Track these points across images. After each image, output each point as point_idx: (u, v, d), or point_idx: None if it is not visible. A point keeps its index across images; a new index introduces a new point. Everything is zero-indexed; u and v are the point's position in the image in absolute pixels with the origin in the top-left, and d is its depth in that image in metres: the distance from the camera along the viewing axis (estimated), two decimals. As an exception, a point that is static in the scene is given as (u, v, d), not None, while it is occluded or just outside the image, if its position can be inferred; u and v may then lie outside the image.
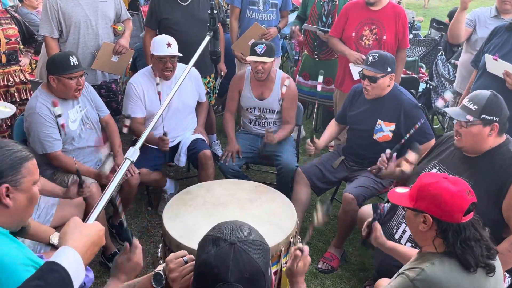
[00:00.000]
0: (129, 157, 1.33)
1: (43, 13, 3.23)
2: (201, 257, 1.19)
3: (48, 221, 2.43)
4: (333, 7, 3.93)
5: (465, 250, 1.48)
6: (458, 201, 1.49)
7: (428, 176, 1.61)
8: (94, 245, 1.12)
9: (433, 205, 1.52)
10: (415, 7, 12.37)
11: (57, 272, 1.00)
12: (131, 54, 3.60)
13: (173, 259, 1.41)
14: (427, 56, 5.97)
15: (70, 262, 1.02)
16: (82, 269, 1.05)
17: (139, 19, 5.39)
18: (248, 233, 1.22)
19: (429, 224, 1.54)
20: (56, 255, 1.03)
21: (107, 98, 3.45)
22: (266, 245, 1.23)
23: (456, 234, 1.49)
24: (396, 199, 1.67)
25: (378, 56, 2.77)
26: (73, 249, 1.05)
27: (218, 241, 1.18)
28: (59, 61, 2.67)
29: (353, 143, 3.09)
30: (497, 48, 2.95)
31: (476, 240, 1.49)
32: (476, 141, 2.13)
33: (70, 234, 1.09)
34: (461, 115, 2.13)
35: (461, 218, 1.49)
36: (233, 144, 3.28)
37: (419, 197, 1.56)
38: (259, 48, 3.11)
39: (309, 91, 4.25)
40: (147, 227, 3.30)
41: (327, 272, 2.91)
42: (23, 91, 3.44)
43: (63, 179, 2.74)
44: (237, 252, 1.15)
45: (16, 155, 1.36)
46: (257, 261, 1.16)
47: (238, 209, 2.45)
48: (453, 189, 1.50)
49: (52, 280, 0.98)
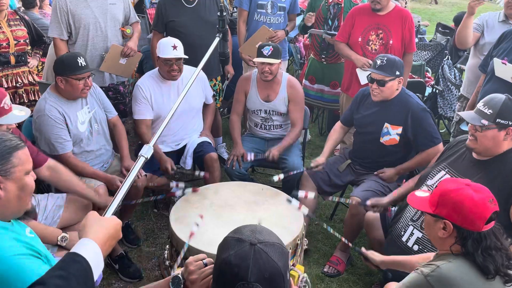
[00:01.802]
0: (143, 154, 1.34)
1: (53, 15, 3.25)
2: (221, 257, 1.19)
3: (55, 222, 2.44)
4: (338, 10, 3.93)
5: (486, 259, 1.46)
6: (480, 209, 1.47)
7: (450, 182, 1.59)
8: (112, 238, 1.14)
9: (454, 212, 1.50)
10: (420, 12, 12.37)
11: (79, 263, 1.02)
12: (139, 57, 3.62)
13: (192, 261, 1.41)
14: (433, 61, 5.96)
15: (91, 253, 1.04)
16: (101, 261, 1.07)
17: (145, 21, 5.42)
18: (268, 235, 1.22)
19: (449, 231, 1.52)
20: (77, 247, 1.05)
21: (115, 100, 3.46)
22: (285, 249, 1.23)
23: (476, 243, 1.48)
24: (416, 204, 1.65)
25: (387, 60, 2.77)
26: (93, 241, 1.07)
27: (238, 241, 1.19)
28: (67, 62, 2.69)
29: (360, 147, 3.09)
30: (506, 52, 2.94)
31: (497, 249, 1.48)
32: (490, 145, 2.11)
33: (89, 227, 1.11)
34: (476, 119, 2.11)
35: (482, 226, 1.48)
36: (238, 148, 3.28)
37: (441, 203, 1.54)
38: (266, 49, 3.12)
39: (315, 95, 4.26)
40: (153, 229, 3.30)
41: (333, 276, 2.90)
42: (31, 92, 3.46)
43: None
44: (257, 252, 1.15)
45: (5, 144, 1.34)
46: (276, 262, 1.16)
47: (245, 211, 2.45)
48: (476, 197, 1.49)
49: (74, 271, 1.00)
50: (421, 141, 2.83)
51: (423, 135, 2.81)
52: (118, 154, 3.10)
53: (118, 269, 2.82)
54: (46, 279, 0.98)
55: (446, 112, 4.57)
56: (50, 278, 0.98)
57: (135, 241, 3.11)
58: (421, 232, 2.26)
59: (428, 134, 2.80)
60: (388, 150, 2.92)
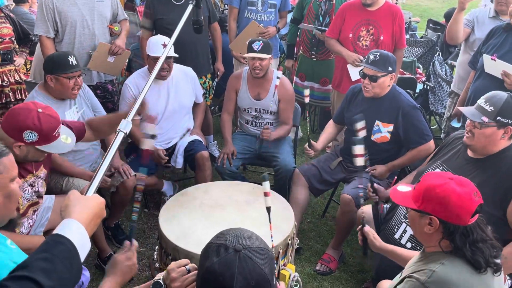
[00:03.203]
0: (122, 129, 1.26)
1: (39, 12, 3.19)
2: (205, 265, 1.15)
3: (42, 225, 2.40)
4: (330, 7, 3.91)
5: (474, 252, 1.45)
6: (466, 203, 1.46)
7: (433, 177, 1.56)
8: (96, 216, 1.09)
9: (440, 207, 1.48)
10: (411, 8, 12.39)
11: (63, 244, 0.98)
12: (128, 55, 3.57)
13: (175, 267, 1.36)
14: (424, 57, 5.97)
15: (75, 234, 1.01)
16: (88, 241, 1.03)
17: (134, 19, 5.37)
18: (252, 240, 1.18)
19: (435, 226, 1.51)
20: (60, 228, 1.01)
21: (103, 98, 3.42)
22: (271, 253, 1.20)
23: (463, 237, 1.46)
24: (399, 199, 1.62)
25: (380, 55, 2.75)
26: (76, 220, 1.03)
27: (223, 248, 1.15)
28: (58, 60, 2.66)
29: (351, 144, 3.07)
30: (495, 48, 2.94)
31: (483, 241, 1.47)
32: (487, 143, 2.09)
33: (72, 206, 1.07)
34: (476, 116, 2.09)
35: (468, 220, 1.47)
36: (228, 146, 3.25)
37: (425, 199, 1.52)
38: (256, 44, 3.09)
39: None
40: (144, 229, 3.27)
41: (325, 274, 2.89)
42: (18, 91, 3.41)
43: (57, 181, 2.70)
44: (242, 259, 1.12)
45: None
46: (262, 268, 1.13)
47: (235, 211, 2.42)
48: (461, 191, 1.47)
49: (59, 252, 0.97)
50: (412, 139, 2.82)
51: (414, 132, 2.80)
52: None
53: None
54: (29, 262, 0.95)
55: (437, 108, 4.58)
56: (34, 261, 0.95)
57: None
58: (414, 229, 2.24)
59: (419, 131, 2.80)
60: (379, 147, 2.91)
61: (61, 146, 2.13)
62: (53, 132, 2.06)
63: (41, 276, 0.92)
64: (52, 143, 2.07)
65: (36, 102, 2.11)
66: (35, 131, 2.00)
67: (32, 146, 2.03)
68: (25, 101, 2.72)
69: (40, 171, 2.28)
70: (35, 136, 2.00)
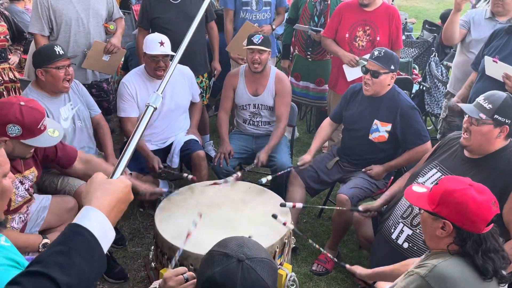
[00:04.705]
0: (151, 104, 1.16)
1: (34, 10, 3.17)
2: (205, 274, 1.10)
3: (38, 224, 2.37)
4: (325, 7, 3.91)
5: (485, 261, 1.44)
6: (483, 211, 1.44)
7: (452, 181, 1.55)
8: (120, 202, 1.01)
9: (456, 212, 1.46)
10: (407, 9, 12.43)
11: (81, 234, 0.91)
12: (123, 54, 3.55)
13: (172, 276, 1.31)
14: (420, 58, 5.99)
15: (94, 223, 0.93)
16: (110, 229, 0.96)
17: (130, 18, 5.35)
18: (256, 250, 1.14)
19: (448, 231, 1.49)
20: (78, 217, 0.95)
21: (98, 97, 3.39)
22: (274, 264, 1.16)
23: (475, 244, 1.45)
24: (414, 199, 1.61)
25: (384, 52, 2.75)
26: (96, 208, 0.96)
27: (225, 257, 1.10)
28: (44, 52, 2.65)
29: (348, 144, 3.07)
30: (497, 50, 2.94)
31: (495, 251, 1.46)
32: (483, 141, 2.10)
33: (92, 193, 0.99)
34: (474, 112, 2.10)
35: (483, 228, 1.45)
36: (225, 145, 3.24)
37: (442, 202, 1.50)
38: (256, 38, 3.10)
39: (301, 92, 4.22)
40: (139, 229, 3.25)
41: (321, 274, 2.88)
42: (12, 89, 3.38)
43: (52, 180, 2.67)
44: (245, 270, 1.08)
45: None
46: (266, 280, 1.08)
47: (232, 211, 2.41)
48: (480, 199, 1.45)
49: (76, 244, 0.90)
50: (409, 139, 2.82)
51: (411, 132, 2.80)
52: (102, 153, 3.03)
53: (103, 270, 2.76)
54: (44, 256, 0.88)
55: (433, 109, 4.59)
56: (49, 255, 0.88)
57: (121, 241, 3.05)
58: (411, 229, 2.24)
59: (417, 132, 2.80)
60: (377, 147, 2.90)
61: (47, 140, 2.09)
62: (37, 125, 2.03)
63: (57, 272, 0.85)
64: (37, 137, 2.04)
65: (18, 96, 2.10)
66: (17, 124, 1.97)
67: (17, 141, 2.00)
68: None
69: (28, 172, 2.24)
70: (19, 130, 1.98)
